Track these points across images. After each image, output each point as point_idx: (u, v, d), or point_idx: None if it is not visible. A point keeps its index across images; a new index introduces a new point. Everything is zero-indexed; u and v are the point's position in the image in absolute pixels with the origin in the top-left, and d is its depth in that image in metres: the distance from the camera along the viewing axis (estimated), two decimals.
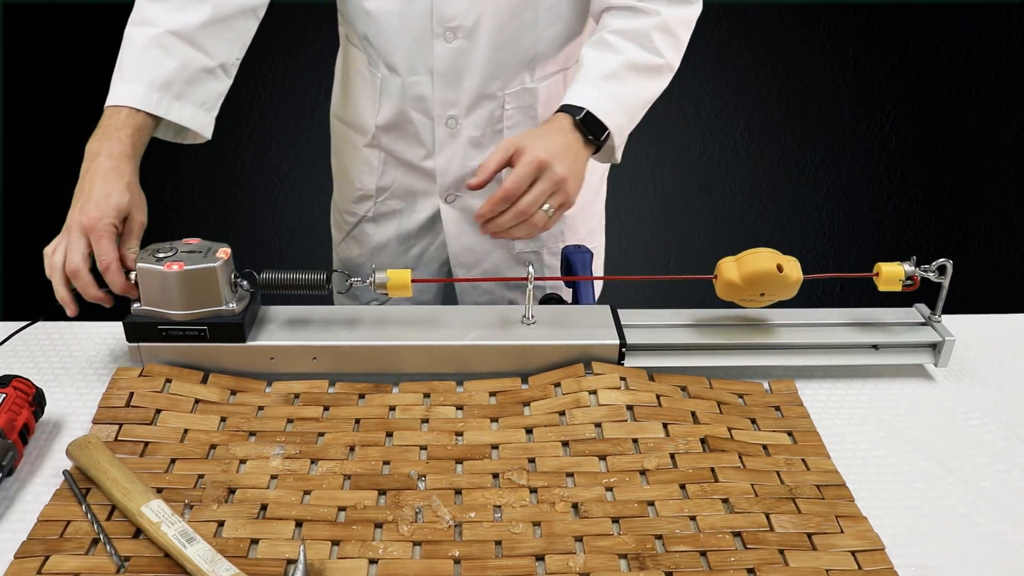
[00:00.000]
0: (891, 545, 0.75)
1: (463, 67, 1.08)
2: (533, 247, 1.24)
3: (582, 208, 1.25)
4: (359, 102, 1.17)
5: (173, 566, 0.70)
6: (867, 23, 2.39)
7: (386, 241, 1.25)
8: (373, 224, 1.25)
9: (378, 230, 1.25)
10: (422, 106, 1.12)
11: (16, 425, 0.81)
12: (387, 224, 1.24)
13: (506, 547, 0.74)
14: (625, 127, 1.03)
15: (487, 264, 1.24)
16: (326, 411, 0.90)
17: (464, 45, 1.06)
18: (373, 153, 1.19)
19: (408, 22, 1.06)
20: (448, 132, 1.14)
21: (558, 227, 1.24)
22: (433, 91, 1.10)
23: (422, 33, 1.06)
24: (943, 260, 0.96)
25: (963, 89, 2.46)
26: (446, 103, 1.11)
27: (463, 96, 1.11)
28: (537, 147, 0.93)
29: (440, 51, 1.07)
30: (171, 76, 0.94)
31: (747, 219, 2.58)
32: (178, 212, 2.37)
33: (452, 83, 1.10)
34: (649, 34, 1.02)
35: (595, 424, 0.88)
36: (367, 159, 1.20)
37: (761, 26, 2.41)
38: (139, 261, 0.89)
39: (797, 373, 1.00)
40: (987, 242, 2.63)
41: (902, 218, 2.61)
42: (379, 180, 1.21)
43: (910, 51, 2.42)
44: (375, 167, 1.20)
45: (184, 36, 0.96)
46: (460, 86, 1.10)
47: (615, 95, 0.99)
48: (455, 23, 1.05)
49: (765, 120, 2.52)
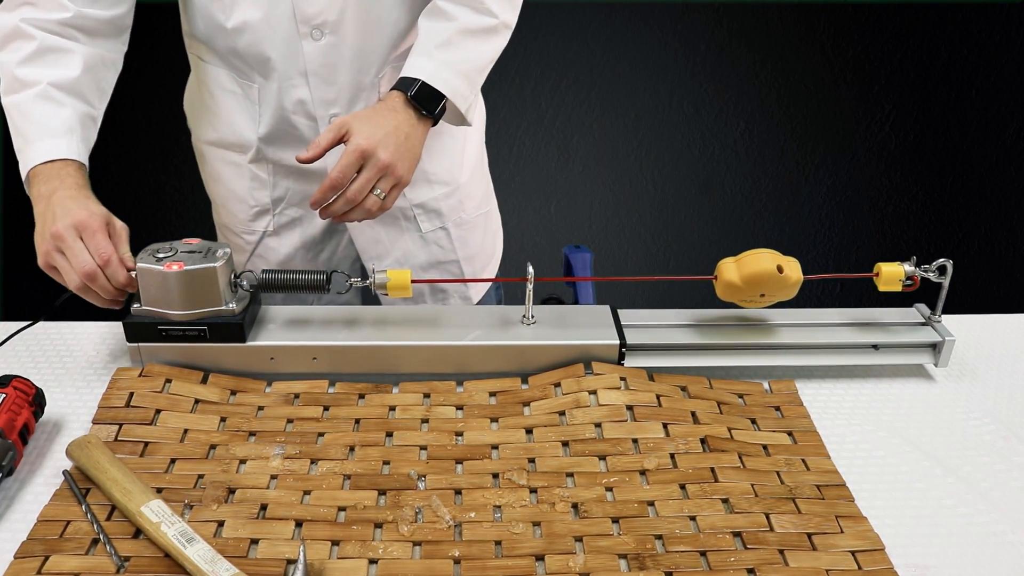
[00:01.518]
0: (891, 545, 0.75)
1: (335, 63, 1.07)
2: (437, 224, 1.23)
3: (472, 176, 1.25)
4: (232, 119, 1.14)
5: (173, 566, 0.70)
6: (867, 23, 2.39)
7: (293, 251, 1.23)
8: (276, 238, 1.22)
9: (282, 242, 1.22)
10: (303, 109, 1.11)
11: (16, 425, 0.81)
12: (290, 235, 1.22)
13: (506, 547, 0.74)
14: (465, 91, 1.03)
15: (397, 251, 1.23)
16: (326, 411, 0.90)
17: (332, 41, 1.05)
18: (260, 167, 1.17)
19: (273, 27, 1.04)
20: None
21: (455, 197, 1.23)
22: (311, 92, 1.09)
23: (289, 36, 1.05)
24: (943, 260, 0.96)
25: (963, 89, 2.46)
26: (326, 102, 1.10)
27: (341, 92, 1.10)
28: (361, 134, 0.95)
29: (310, 51, 1.06)
30: (71, 123, 0.96)
31: (747, 219, 2.58)
32: (178, 212, 2.37)
33: (328, 81, 1.08)
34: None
35: (595, 424, 0.88)
36: (255, 175, 1.18)
37: (761, 26, 2.41)
38: (139, 261, 0.89)
39: (797, 373, 1.00)
40: (987, 242, 2.63)
41: (902, 218, 2.62)
42: (272, 192, 1.19)
43: (910, 51, 2.42)
44: (265, 180, 1.18)
45: (65, 88, 0.97)
46: (336, 82, 1.09)
47: (450, 62, 1.01)
48: (319, 20, 1.04)
49: (765, 120, 2.52)
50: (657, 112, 2.49)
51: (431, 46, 1.01)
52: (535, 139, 2.47)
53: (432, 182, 1.20)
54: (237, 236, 1.25)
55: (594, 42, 2.39)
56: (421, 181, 1.19)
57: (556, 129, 2.46)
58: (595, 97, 2.48)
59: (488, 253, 1.31)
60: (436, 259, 1.25)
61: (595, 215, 2.58)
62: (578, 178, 2.54)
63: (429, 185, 1.20)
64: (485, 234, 1.30)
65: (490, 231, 1.32)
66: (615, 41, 2.41)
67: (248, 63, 1.08)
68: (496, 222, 1.36)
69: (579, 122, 2.50)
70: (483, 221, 1.29)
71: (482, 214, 1.29)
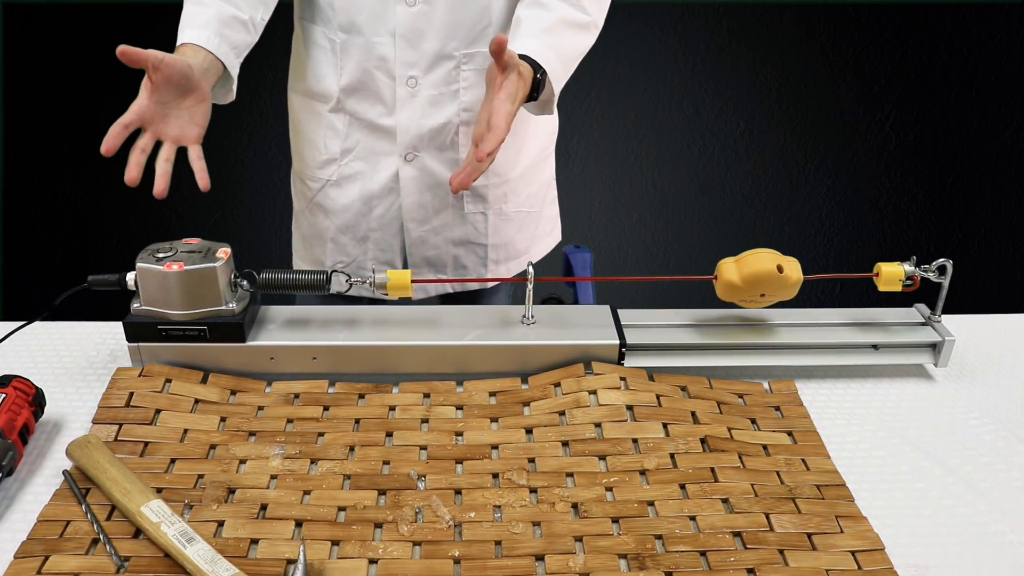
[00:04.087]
0: (891, 545, 0.75)
1: (423, 29, 1.15)
2: (480, 208, 1.31)
3: (523, 173, 1.32)
4: (319, 71, 1.23)
5: (173, 566, 0.70)
6: (867, 23, 2.40)
7: (350, 203, 1.29)
8: (337, 188, 1.29)
9: (341, 193, 1.29)
10: (384, 66, 1.18)
11: (16, 425, 0.81)
12: (350, 187, 1.29)
13: (506, 547, 0.74)
14: (561, 75, 1.09)
15: (437, 220, 1.30)
16: (326, 411, 0.90)
17: (424, 9, 1.13)
18: (338, 117, 1.25)
19: None
20: (408, 92, 1.20)
21: (501, 189, 1.31)
22: (395, 52, 1.16)
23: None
24: (943, 260, 0.96)
25: (963, 89, 2.46)
26: (407, 64, 1.17)
27: (422, 57, 1.17)
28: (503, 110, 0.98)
29: (402, 14, 1.14)
30: (208, 19, 1.04)
31: (747, 219, 2.58)
32: (178, 212, 2.37)
33: (412, 45, 1.16)
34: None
35: (595, 424, 0.88)
36: (332, 124, 1.26)
37: (761, 26, 2.41)
38: (139, 261, 0.89)
39: (797, 373, 1.00)
40: (987, 242, 2.63)
41: (902, 218, 2.62)
42: (343, 143, 1.26)
43: (910, 51, 2.42)
44: (339, 130, 1.26)
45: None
46: (420, 47, 1.16)
47: (553, 45, 1.07)
48: None
49: (765, 120, 2.52)
50: (657, 112, 2.49)
51: (536, 29, 1.08)
52: None
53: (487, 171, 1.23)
54: (303, 182, 1.33)
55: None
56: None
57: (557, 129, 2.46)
58: (595, 97, 2.48)
59: (518, 249, 1.37)
60: (468, 238, 1.32)
61: (595, 215, 2.58)
62: (578, 178, 2.54)
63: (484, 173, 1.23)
64: (520, 231, 1.36)
65: (528, 229, 1.38)
66: (615, 41, 2.41)
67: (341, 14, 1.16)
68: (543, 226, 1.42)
69: (579, 122, 2.50)
70: (522, 218, 1.35)
71: (524, 212, 1.35)
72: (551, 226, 1.45)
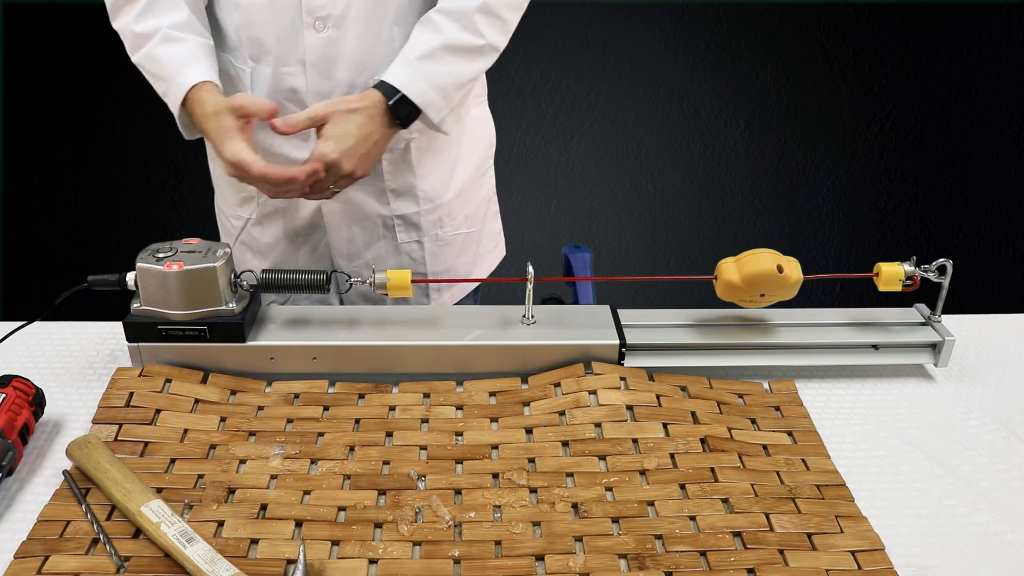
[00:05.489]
0: (891, 545, 0.75)
1: (334, 57, 1.08)
2: (414, 237, 1.24)
3: (457, 195, 1.25)
4: None
5: (173, 566, 0.70)
6: (867, 23, 2.40)
7: (274, 242, 1.24)
8: (259, 227, 1.23)
9: (264, 232, 1.23)
10: (296, 98, 1.11)
11: (16, 425, 0.81)
12: (272, 225, 1.23)
13: (506, 547, 0.74)
14: (440, 105, 1.06)
15: (369, 254, 1.23)
16: (326, 411, 0.90)
17: (334, 35, 1.07)
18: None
19: (277, 12, 1.06)
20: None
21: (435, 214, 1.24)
22: (306, 83, 1.10)
23: (292, 23, 1.07)
24: (943, 260, 0.96)
25: (963, 89, 2.46)
26: (320, 94, 1.10)
27: (336, 87, 1.10)
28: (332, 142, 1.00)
29: (311, 42, 1.07)
30: (197, 53, 1.03)
31: (747, 219, 2.58)
32: (178, 212, 2.37)
33: (325, 74, 1.09)
34: (471, 16, 1.05)
35: (595, 424, 0.88)
36: None
37: (761, 26, 2.41)
38: (139, 261, 0.89)
39: (797, 373, 1.00)
40: (987, 242, 2.63)
41: (902, 218, 2.62)
42: None
43: (910, 51, 2.42)
44: None
45: (181, 27, 1.04)
46: (333, 77, 1.10)
47: (429, 75, 1.04)
48: (324, 12, 1.05)
49: (765, 120, 2.52)
50: (657, 112, 2.49)
51: (413, 56, 1.04)
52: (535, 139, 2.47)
53: (418, 197, 1.20)
54: (227, 220, 1.28)
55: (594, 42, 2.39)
56: (407, 195, 1.20)
57: (556, 129, 2.46)
58: (595, 97, 2.48)
59: (461, 272, 1.30)
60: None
61: (595, 215, 2.58)
62: (578, 178, 2.54)
63: (414, 200, 1.21)
64: (461, 254, 1.29)
65: (469, 251, 1.31)
66: (615, 41, 2.41)
67: (243, 45, 1.10)
68: (485, 244, 1.35)
69: (579, 122, 2.50)
70: (461, 240, 1.29)
71: (462, 234, 1.28)
72: (494, 242, 1.37)
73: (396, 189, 1.19)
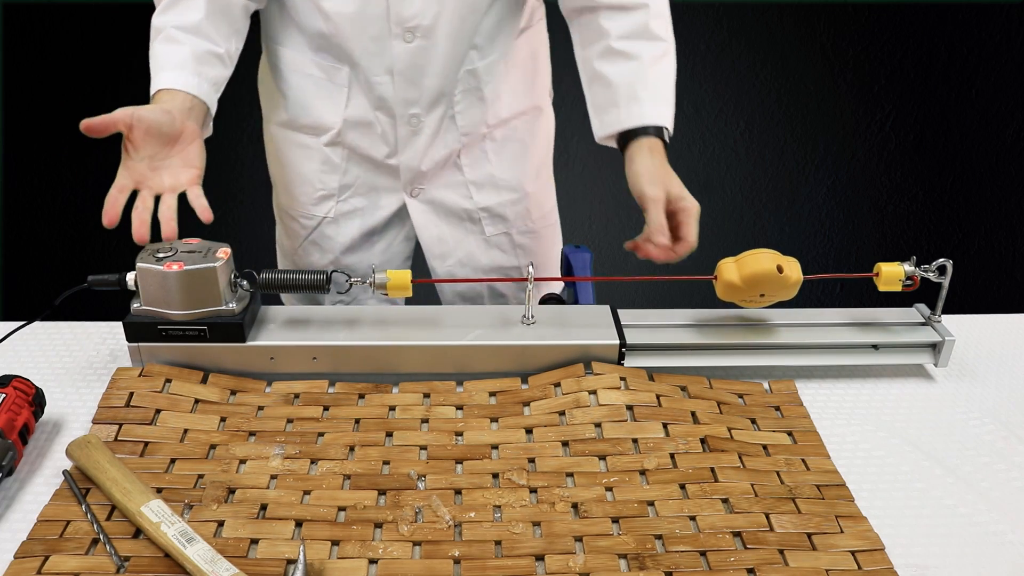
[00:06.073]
0: (891, 545, 0.75)
1: (423, 66, 1.10)
2: (502, 229, 1.26)
3: (539, 183, 1.30)
4: (307, 102, 1.16)
5: (173, 566, 0.70)
6: (867, 23, 2.39)
7: (350, 240, 1.24)
8: (334, 225, 1.24)
9: (340, 230, 1.24)
10: (384, 105, 1.13)
11: (16, 425, 0.81)
12: (349, 223, 1.24)
13: (506, 547, 0.74)
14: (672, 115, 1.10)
15: (460, 252, 1.25)
16: (326, 411, 0.90)
17: (423, 45, 1.08)
18: (335, 151, 1.19)
19: (365, 23, 1.07)
20: (410, 130, 1.15)
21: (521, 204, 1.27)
22: (394, 91, 1.11)
23: (380, 34, 1.07)
24: (943, 260, 0.96)
25: (963, 89, 2.46)
26: (407, 102, 1.12)
27: (424, 94, 1.12)
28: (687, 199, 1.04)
29: (399, 51, 1.08)
30: (184, 59, 1.01)
31: (747, 219, 2.58)
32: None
33: (413, 82, 1.11)
34: (647, 25, 1.07)
35: (595, 424, 0.88)
36: (328, 158, 1.19)
37: (761, 26, 2.41)
38: (139, 261, 0.89)
39: (797, 373, 1.00)
40: (987, 242, 2.63)
41: (902, 218, 2.61)
42: (342, 178, 1.21)
43: (910, 51, 2.42)
44: (337, 165, 1.20)
45: (187, 29, 1.02)
46: (421, 84, 1.11)
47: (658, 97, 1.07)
48: (413, 23, 1.06)
49: (765, 120, 2.52)
50: None
51: (638, 89, 1.07)
52: None
53: (500, 187, 1.22)
54: (294, 220, 1.27)
55: None
56: (488, 186, 1.22)
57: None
58: None
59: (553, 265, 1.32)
60: (498, 264, 1.28)
61: (595, 215, 2.58)
62: (578, 178, 2.53)
63: (496, 190, 1.23)
64: (552, 245, 1.32)
65: (556, 243, 1.34)
66: None
67: (334, 52, 1.11)
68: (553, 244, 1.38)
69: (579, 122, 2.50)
70: (550, 233, 1.32)
71: (549, 225, 1.32)
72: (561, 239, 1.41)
73: (476, 181, 1.21)
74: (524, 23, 1.19)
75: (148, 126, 0.92)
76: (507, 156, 1.23)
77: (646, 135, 1.06)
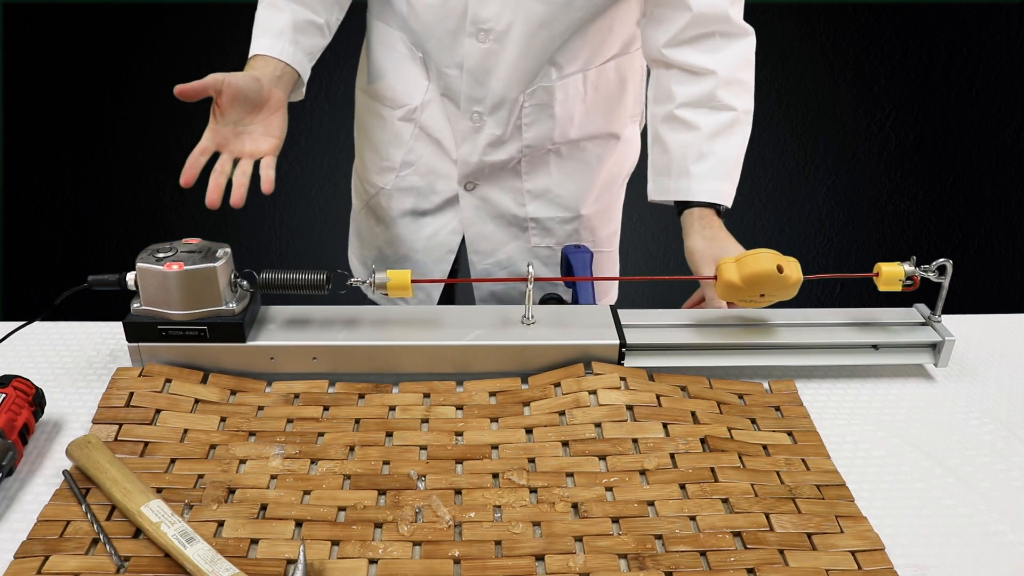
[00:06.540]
0: (891, 545, 0.75)
1: (491, 68, 1.13)
2: (548, 242, 1.28)
3: (598, 209, 1.30)
4: (397, 77, 1.20)
5: (173, 566, 0.70)
6: (867, 23, 2.39)
7: (398, 215, 1.27)
8: (389, 198, 1.28)
9: (392, 203, 1.28)
10: (451, 96, 1.17)
11: (16, 425, 0.81)
12: (403, 199, 1.27)
13: (506, 547, 0.74)
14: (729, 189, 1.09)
15: (502, 254, 1.27)
16: (326, 411, 0.90)
17: (494, 48, 1.11)
18: (406, 127, 1.22)
19: (445, 16, 1.10)
20: (472, 127, 1.18)
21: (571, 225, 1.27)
22: (462, 85, 1.15)
23: (457, 29, 1.11)
24: (943, 260, 0.96)
25: (963, 89, 2.46)
26: (472, 99, 1.15)
27: (488, 95, 1.15)
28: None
29: (471, 49, 1.11)
30: (283, 27, 1.03)
31: (747, 219, 2.58)
32: (178, 212, 2.37)
33: (480, 81, 1.14)
34: (714, 94, 1.07)
35: (595, 424, 0.88)
36: (398, 132, 1.23)
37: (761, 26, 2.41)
38: (139, 261, 0.89)
39: (797, 373, 1.00)
40: (987, 242, 2.63)
41: (902, 218, 2.61)
42: (406, 155, 1.23)
43: (910, 51, 2.42)
44: (404, 141, 1.23)
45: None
46: (487, 85, 1.14)
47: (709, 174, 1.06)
48: (488, 25, 1.09)
49: (765, 120, 2.51)
50: None
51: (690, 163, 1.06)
52: None
53: (554, 203, 1.23)
54: (360, 182, 1.33)
55: None
56: (543, 199, 1.24)
57: None
58: None
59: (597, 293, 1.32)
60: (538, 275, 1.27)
61: None
62: None
63: (551, 204, 1.23)
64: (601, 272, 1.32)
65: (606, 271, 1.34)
66: None
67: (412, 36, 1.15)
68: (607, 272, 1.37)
69: None
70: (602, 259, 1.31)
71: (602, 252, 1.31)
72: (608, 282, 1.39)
73: (533, 191, 1.22)
74: (618, 50, 1.20)
75: (236, 91, 0.95)
76: (569, 174, 1.24)
77: (698, 205, 1.07)
